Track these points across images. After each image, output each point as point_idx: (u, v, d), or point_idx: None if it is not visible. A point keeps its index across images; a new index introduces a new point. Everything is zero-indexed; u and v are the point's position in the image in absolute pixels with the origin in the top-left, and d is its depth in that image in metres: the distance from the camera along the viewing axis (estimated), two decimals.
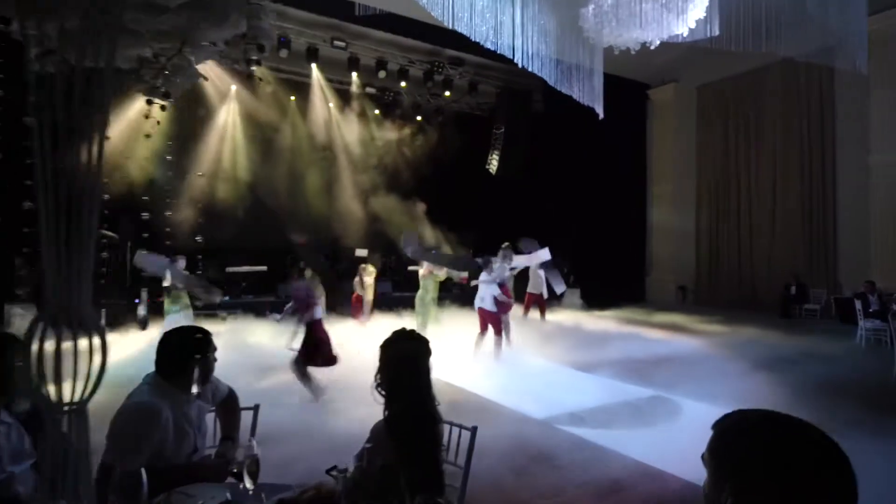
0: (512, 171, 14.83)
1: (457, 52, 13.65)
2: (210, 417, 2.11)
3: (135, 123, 10.87)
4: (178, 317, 8.08)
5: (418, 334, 1.79)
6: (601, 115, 7.24)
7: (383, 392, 1.67)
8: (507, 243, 8.78)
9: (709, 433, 1.00)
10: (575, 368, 6.84)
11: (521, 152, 14.88)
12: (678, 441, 4.32)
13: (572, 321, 11.36)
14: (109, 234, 9.33)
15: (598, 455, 4.02)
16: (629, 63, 13.91)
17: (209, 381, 1.94)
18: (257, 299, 11.44)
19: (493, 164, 15.02)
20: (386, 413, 1.65)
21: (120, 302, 9.37)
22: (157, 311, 8.97)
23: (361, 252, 12.78)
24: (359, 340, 7.90)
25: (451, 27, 5.35)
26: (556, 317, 11.95)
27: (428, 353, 1.76)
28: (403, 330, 1.79)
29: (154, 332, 7.91)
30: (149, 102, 9.93)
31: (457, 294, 13.09)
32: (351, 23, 12.02)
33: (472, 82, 14.65)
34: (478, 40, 5.46)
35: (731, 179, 14.41)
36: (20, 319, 8.23)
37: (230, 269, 11.47)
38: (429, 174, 14.43)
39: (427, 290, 8.94)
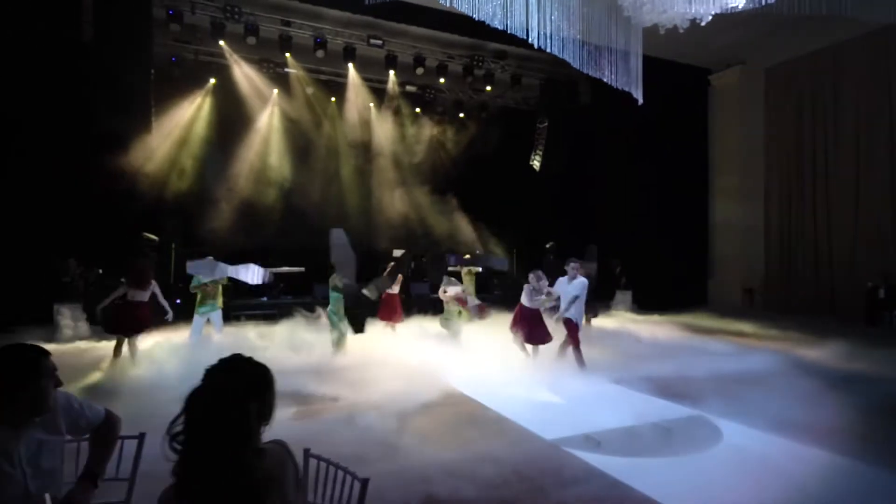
0: (557, 166, 14.11)
1: (499, 45, 13.13)
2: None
3: (176, 128, 11.22)
4: (205, 318, 8.09)
5: (254, 363, 1.35)
6: (640, 101, 6.51)
7: (178, 445, 1.22)
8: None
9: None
10: (608, 381, 6.18)
11: (566, 147, 14.12)
12: (710, 475, 3.66)
13: (619, 327, 10.53)
14: (150, 236, 9.62)
15: (609, 491, 3.45)
16: (685, 45, 12.83)
17: (47, 411, 1.64)
18: (296, 300, 11.47)
19: (537, 159, 14.35)
20: (175, 475, 1.20)
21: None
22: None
23: (399, 252, 12.55)
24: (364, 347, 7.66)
25: (448, 6, 4.90)
26: (602, 322, 11.13)
27: (260, 390, 1.31)
28: (235, 357, 1.37)
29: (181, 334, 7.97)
30: None
31: (497, 296, 12.59)
32: (386, 20, 11.83)
33: (515, 75, 14.06)
34: (482, 19, 4.96)
35: (805, 169, 12.91)
36: (65, 318, 8.64)
37: (268, 270, 11.58)
38: (471, 173, 14.01)
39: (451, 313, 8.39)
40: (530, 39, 5.02)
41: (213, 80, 12.25)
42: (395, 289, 8.90)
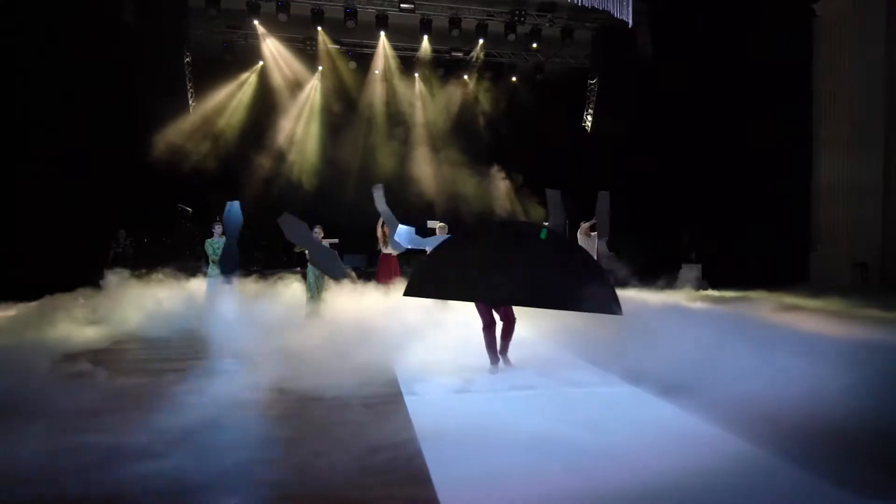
0: (614, 126, 12.62)
1: None
2: None
3: (223, 108, 11.97)
4: (217, 280, 8.48)
5: None
6: (630, 23, 5.41)
7: None
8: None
9: None
10: (590, 363, 5.11)
11: (627, 104, 12.55)
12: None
13: (667, 305, 8.87)
14: (185, 207, 10.39)
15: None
16: None
17: None
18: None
19: (589, 120, 12.99)
20: None
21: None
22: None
23: (434, 224, 12.18)
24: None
25: None
26: (653, 297, 9.54)
27: None
28: None
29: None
30: None
31: None
32: None
33: (567, 28, 12.75)
34: None
35: None
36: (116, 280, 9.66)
37: None
38: (520, 139, 13.11)
39: None
40: None
41: (261, 63, 12.84)
42: (391, 250, 8.66)
